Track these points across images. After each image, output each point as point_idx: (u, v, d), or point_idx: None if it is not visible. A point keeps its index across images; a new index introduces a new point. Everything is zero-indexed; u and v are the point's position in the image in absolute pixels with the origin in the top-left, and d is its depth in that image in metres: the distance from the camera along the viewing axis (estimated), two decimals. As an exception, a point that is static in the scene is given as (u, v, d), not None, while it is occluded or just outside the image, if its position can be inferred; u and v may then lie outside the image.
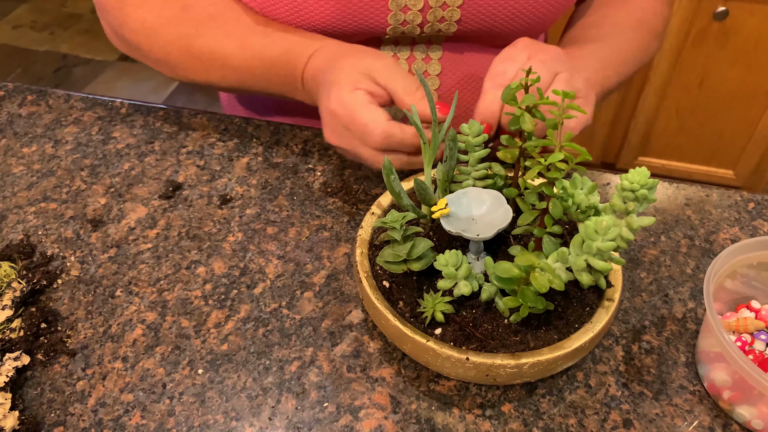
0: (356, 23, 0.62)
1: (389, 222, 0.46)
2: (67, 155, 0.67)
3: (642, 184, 0.41)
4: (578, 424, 0.46)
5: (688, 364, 0.50)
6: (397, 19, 0.62)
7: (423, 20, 0.63)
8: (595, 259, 0.42)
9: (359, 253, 0.50)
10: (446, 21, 0.63)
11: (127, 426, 0.46)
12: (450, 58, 0.70)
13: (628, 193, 0.41)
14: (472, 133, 0.51)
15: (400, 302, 0.48)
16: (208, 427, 0.46)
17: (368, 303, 0.47)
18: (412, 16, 0.62)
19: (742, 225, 0.61)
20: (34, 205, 0.62)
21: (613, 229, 0.41)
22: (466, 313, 0.47)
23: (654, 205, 0.63)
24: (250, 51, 0.61)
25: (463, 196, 0.50)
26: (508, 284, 0.44)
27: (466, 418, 0.47)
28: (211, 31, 0.62)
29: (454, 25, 0.64)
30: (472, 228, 0.47)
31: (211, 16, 0.63)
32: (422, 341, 0.44)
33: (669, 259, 0.58)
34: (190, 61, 0.64)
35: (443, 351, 0.43)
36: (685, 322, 0.53)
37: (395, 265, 0.47)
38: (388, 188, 0.49)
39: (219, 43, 0.62)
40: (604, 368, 0.50)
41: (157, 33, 0.64)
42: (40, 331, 0.51)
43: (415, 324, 0.46)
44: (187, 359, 0.50)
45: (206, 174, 0.65)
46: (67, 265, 0.57)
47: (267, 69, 0.61)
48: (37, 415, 0.46)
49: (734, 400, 0.46)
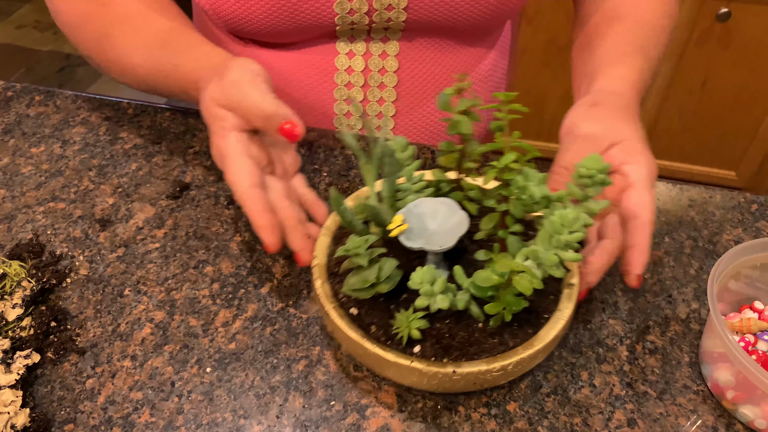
0: (303, 16, 0.62)
1: (352, 249, 0.45)
2: (75, 155, 0.68)
3: (599, 170, 0.43)
4: (583, 423, 0.47)
5: (691, 364, 0.50)
6: (343, 8, 0.62)
7: (370, 8, 0.63)
8: (565, 252, 0.42)
9: (319, 285, 0.48)
10: (394, 9, 0.63)
11: (136, 424, 0.46)
12: (407, 55, 0.70)
13: (586, 180, 0.43)
14: (400, 148, 0.51)
15: (372, 327, 0.46)
16: (217, 425, 0.46)
17: (340, 335, 0.46)
18: (359, 3, 0.62)
19: (745, 226, 0.61)
20: (42, 204, 0.63)
21: (579, 219, 0.41)
22: (440, 325, 0.46)
23: (658, 206, 0.63)
24: (151, 61, 0.59)
25: (416, 208, 0.49)
26: (487, 291, 0.44)
27: (471, 416, 0.47)
28: (121, 34, 0.61)
29: (403, 13, 0.64)
30: (433, 240, 0.47)
31: (123, 18, 0.62)
32: (406, 363, 0.43)
33: (673, 260, 0.58)
34: (106, 63, 0.64)
35: (430, 369, 0.43)
36: (688, 323, 0.53)
37: (364, 291, 0.46)
38: (342, 219, 0.48)
39: (127, 49, 0.61)
40: (609, 368, 0.50)
41: (77, 29, 0.64)
42: (50, 329, 0.51)
43: (393, 346, 0.45)
44: (195, 358, 0.50)
45: (213, 174, 0.66)
46: (76, 264, 0.57)
47: (167, 82, 0.60)
48: (48, 412, 0.47)
49: (738, 400, 0.46)
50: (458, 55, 0.72)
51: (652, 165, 0.51)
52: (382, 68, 0.70)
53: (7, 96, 0.76)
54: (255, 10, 0.62)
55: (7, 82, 0.77)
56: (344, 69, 0.70)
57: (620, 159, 0.51)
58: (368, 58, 0.69)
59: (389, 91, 0.72)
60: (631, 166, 0.50)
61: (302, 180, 0.57)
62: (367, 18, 0.64)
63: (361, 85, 0.71)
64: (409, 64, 0.70)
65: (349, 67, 0.70)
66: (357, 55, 0.69)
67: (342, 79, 0.70)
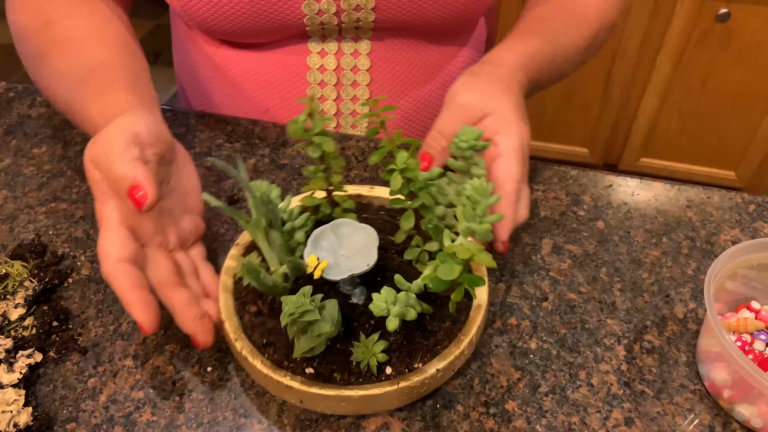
0: (272, 16, 0.63)
1: (299, 309, 0.42)
2: (77, 156, 0.68)
3: (475, 138, 0.46)
4: (581, 422, 0.47)
5: (689, 364, 0.51)
6: (311, 9, 0.63)
7: (338, 9, 0.64)
8: (490, 217, 0.43)
9: (264, 369, 0.44)
10: (363, 9, 0.64)
11: (138, 422, 0.47)
12: (379, 53, 0.70)
13: (468, 151, 0.47)
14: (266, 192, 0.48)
15: (335, 375, 0.45)
16: (218, 423, 0.47)
17: (312, 404, 0.45)
18: (327, 5, 0.63)
19: (743, 227, 0.62)
20: (44, 205, 0.63)
21: (489, 185, 0.42)
22: (394, 337, 0.47)
23: (656, 207, 0.63)
24: (69, 95, 0.56)
25: (318, 241, 0.48)
26: (448, 284, 0.44)
27: (470, 415, 0.47)
28: (55, 59, 0.58)
29: (372, 13, 0.64)
30: (355, 263, 0.46)
31: (61, 43, 0.58)
32: (393, 388, 0.43)
33: (670, 260, 0.59)
34: (39, 84, 0.62)
35: (414, 379, 0.44)
36: (686, 323, 0.54)
37: (319, 346, 0.45)
38: (261, 287, 0.46)
39: (54, 76, 0.58)
40: (606, 367, 0.50)
41: (20, 43, 0.62)
42: (52, 329, 0.52)
43: (368, 380, 0.44)
44: (196, 357, 0.51)
45: (213, 176, 0.66)
46: (77, 264, 0.58)
47: (78, 121, 0.56)
48: (50, 411, 0.47)
49: (734, 399, 0.47)
50: (430, 53, 0.73)
51: (524, 135, 0.53)
52: (355, 66, 0.70)
53: (9, 97, 0.76)
54: (225, 11, 0.63)
55: (9, 83, 0.78)
56: (317, 68, 0.70)
57: (493, 129, 0.53)
58: (340, 57, 0.70)
59: (362, 89, 0.72)
60: (501, 136, 0.53)
61: (201, 252, 0.53)
62: (336, 18, 0.65)
63: (333, 83, 0.72)
64: (382, 62, 0.71)
65: (321, 65, 0.70)
66: (329, 54, 0.69)
67: (315, 77, 0.71)
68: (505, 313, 0.54)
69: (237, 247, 0.53)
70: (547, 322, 0.53)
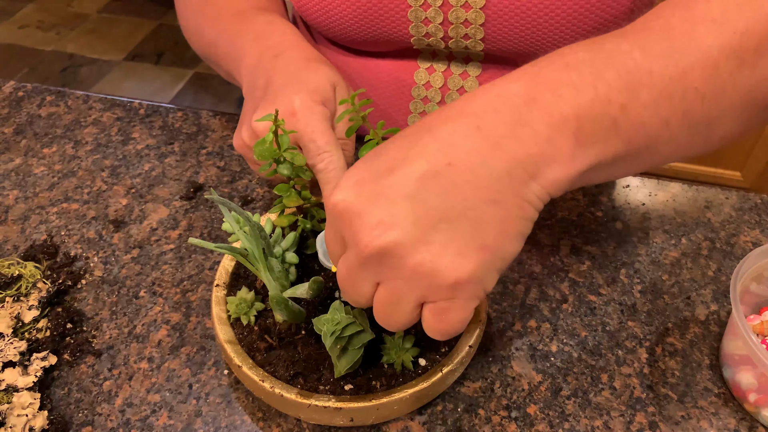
0: (379, 31, 0.62)
1: (338, 327, 0.41)
2: (88, 156, 0.68)
3: None
4: (604, 426, 0.46)
5: (712, 367, 0.50)
6: (418, 31, 0.61)
7: (446, 35, 0.62)
8: None
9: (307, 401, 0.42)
10: (471, 39, 0.61)
11: (154, 426, 0.46)
12: (489, 78, 0.66)
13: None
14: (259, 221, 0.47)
15: (374, 384, 0.44)
16: (236, 427, 0.46)
17: (364, 418, 0.44)
18: (434, 29, 0.61)
19: (762, 227, 0.61)
20: (56, 205, 0.62)
21: None
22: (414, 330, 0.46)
23: (674, 207, 0.63)
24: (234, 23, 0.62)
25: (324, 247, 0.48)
26: None
27: (492, 419, 0.47)
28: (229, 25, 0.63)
29: (480, 43, 0.62)
30: None
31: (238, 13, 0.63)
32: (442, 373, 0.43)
33: (690, 262, 0.58)
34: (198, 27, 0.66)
35: None
36: (708, 325, 0.53)
37: (359, 358, 0.44)
38: (289, 317, 0.46)
39: None
40: (629, 370, 0.50)
41: None
42: (66, 331, 0.51)
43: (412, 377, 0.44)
44: (212, 360, 0.50)
45: (227, 175, 0.65)
46: (90, 265, 0.57)
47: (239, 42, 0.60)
48: (66, 414, 0.47)
49: (760, 403, 0.46)
50: None
51: None
52: (461, 88, 0.67)
53: (18, 96, 0.75)
54: (338, 18, 0.62)
55: (18, 82, 0.77)
56: (422, 84, 0.68)
57: None
58: (448, 76, 0.67)
59: None
60: None
61: None
62: (443, 42, 0.63)
63: (437, 101, 0.68)
64: None
65: (427, 82, 0.67)
66: (437, 72, 0.67)
67: (419, 93, 0.68)
68: (524, 316, 0.53)
69: (218, 288, 0.49)
70: (567, 324, 0.53)
